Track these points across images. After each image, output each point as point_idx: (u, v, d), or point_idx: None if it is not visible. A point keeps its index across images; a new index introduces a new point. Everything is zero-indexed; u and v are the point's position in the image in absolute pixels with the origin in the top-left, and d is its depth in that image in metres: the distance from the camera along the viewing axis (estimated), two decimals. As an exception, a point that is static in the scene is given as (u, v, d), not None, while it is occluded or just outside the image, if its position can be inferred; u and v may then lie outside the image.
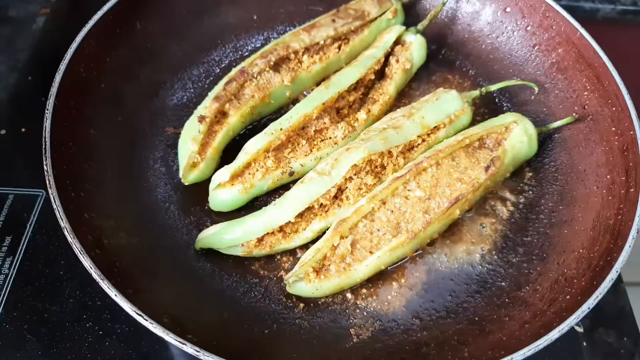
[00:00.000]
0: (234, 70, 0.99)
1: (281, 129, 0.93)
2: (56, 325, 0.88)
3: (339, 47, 1.07)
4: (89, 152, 0.90)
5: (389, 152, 0.92)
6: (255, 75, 0.99)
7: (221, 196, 0.92)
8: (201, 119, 0.94)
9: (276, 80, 1.00)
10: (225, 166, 0.92)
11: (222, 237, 0.87)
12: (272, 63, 1.00)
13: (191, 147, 0.92)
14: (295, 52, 1.02)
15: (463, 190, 0.88)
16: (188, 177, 0.93)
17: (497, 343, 0.78)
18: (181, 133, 0.96)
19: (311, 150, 0.95)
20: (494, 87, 1.03)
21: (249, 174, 0.92)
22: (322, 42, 1.04)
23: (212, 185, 0.92)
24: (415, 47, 1.07)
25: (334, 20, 1.06)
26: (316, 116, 0.95)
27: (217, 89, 0.97)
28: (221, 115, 0.97)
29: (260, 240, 0.87)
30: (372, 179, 0.90)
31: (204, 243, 0.88)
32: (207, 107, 0.95)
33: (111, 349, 0.86)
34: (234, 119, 0.96)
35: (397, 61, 1.06)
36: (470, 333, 0.82)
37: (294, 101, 1.03)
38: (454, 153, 0.92)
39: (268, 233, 0.87)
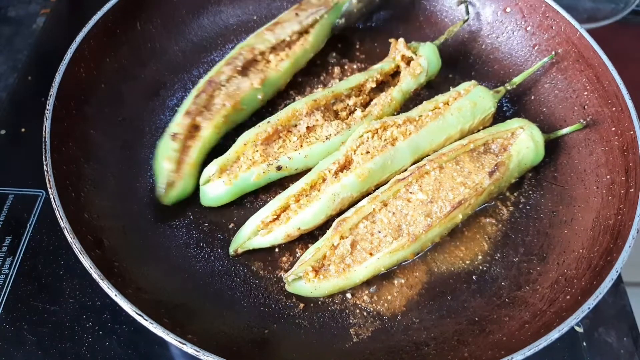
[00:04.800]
0: (202, 82, 0.97)
1: (268, 122, 0.92)
2: (56, 325, 0.88)
3: (302, 37, 1.03)
4: (89, 152, 0.90)
5: (394, 122, 0.93)
6: (223, 83, 0.96)
7: (210, 190, 0.91)
8: (174, 136, 0.91)
9: (245, 85, 0.97)
10: (215, 159, 0.92)
11: (242, 232, 0.88)
12: (239, 68, 0.97)
13: (167, 166, 0.90)
14: (262, 53, 1.00)
15: (466, 195, 0.87)
16: (168, 196, 0.91)
17: (497, 343, 0.78)
18: (155, 153, 0.93)
19: (301, 146, 0.93)
20: (518, 80, 1.02)
21: (237, 167, 0.91)
22: (287, 39, 1.01)
23: (202, 181, 0.92)
24: (426, 59, 1.04)
25: (297, 15, 1.02)
26: (306, 112, 0.94)
27: (187, 103, 0.95)
28: (194, 129, 0.94)
29: (277, 217, 0.88)
30: (380, 141, 0.91)
31: (235, 246, 0.89)
32: (178, 123, 0.93)
33: (111, 349, 0.87)
34: (208, 132, 0.94)
35: (408, 64, 1.03)
36: (470, 333, 0.82)
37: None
38: (458, 157, 0.91)
39: (282, 207, 0.88)
